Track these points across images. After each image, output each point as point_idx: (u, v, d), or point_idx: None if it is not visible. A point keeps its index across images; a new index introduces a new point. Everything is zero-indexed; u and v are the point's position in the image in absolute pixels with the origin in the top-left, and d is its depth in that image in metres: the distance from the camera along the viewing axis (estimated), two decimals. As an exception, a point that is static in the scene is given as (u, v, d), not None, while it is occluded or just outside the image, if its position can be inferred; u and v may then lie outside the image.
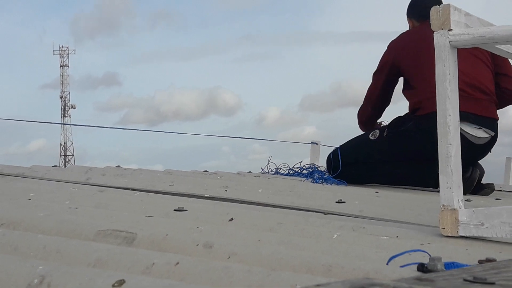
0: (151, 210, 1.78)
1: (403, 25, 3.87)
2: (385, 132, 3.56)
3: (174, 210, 1.79)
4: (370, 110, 3.84)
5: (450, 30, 1.64)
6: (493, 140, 3.49)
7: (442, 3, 1.66)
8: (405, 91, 3.64)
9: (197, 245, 1.23)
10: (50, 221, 1.41)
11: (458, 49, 1.67)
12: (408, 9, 3.85)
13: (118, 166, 3.54)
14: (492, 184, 3.66)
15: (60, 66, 58.07)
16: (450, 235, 1.60)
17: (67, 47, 58.23)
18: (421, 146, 3.26)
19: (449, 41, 1.64)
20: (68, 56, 58.12)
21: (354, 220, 1.88)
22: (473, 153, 3.40)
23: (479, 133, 3.40)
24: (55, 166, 3.31)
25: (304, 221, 1.75)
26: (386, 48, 3.74)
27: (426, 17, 3.62)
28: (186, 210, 1.79)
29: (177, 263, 1.02)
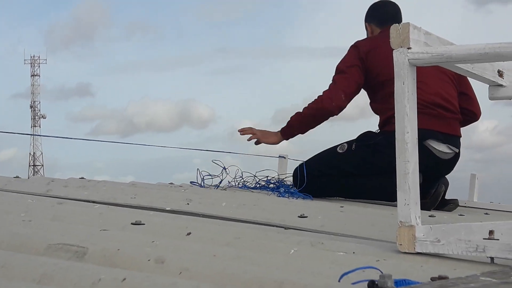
0: (108, 224, 1.75)
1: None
2: (353, 145, 3.56)
3: (131, 223, 1.77)
4: (343, 98, 3.53)
5: (409, 48, 1.65)
6: (456, 156, 3.53)
7: (399, 9, 1.67)
8: (373, 105, 3.63)
9: (149, 260, 1.22)
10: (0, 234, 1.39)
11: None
12: (367, 13, 3.77)
13: (82, 178, 3.50)
14: (456, 199, 3.69)
15: (31, 76, 57.63)
16: (407, 251, 1.61)
17: (38, 57, 57.83)
18: (389, 160, 3.23)
19: (408, 59, 1.65)
20: (39, 66, 57.70)
21: (313, 236, 1.88)
22: (440, 167, 3.44)
23: (445, 149, 3.44)
24: (17, 177, 3.26)
25: (263, 236, 1.74)
26: (349, 48, 3.61)
27: (387, 23, 3.65)
28: (143, 224, 1.77)
29: (124, 279, 1.00)
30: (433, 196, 3.43)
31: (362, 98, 3.71)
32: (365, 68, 3.53)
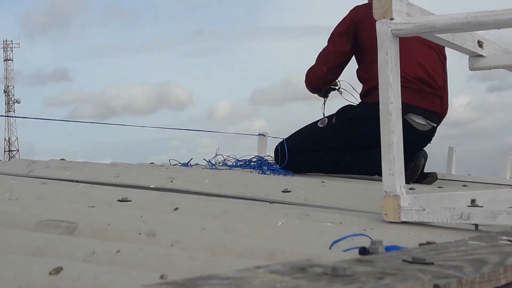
0: (94, 201, 1.75)
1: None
2: (334, 119, 3.55)
3: (118, 200, 1.77)
4: (324, 71, 3.61)
5: (392, 19, 1.66)
6: (433, 129, 3.56)
7: None
8: (359, 72, 3.62)
9: (140, 233, 1.22)
10: (-12, 212, 1.38)
11: (415, 39, 1.70)
12: None
13: (62, 159, 3.48)
14: (435, 173, 3.73)
15: (4, 60, 56.87)
16: (392, 220, 1.63)
17: (11, 41, 57.04)
18: (370, 132, 3.24)
19: (391, 30, 1.66)
20: (12, 50, 56.95)
21: (299, 208, 1.89)
22: (418, 139, 3.47)
23: (423, 122, 3.48)
24: (-3, 159, 3.23)
25: (249, 210, 1.75)
26: (348, 12, 3.59)
27: None
28: (130, 201, 1.77)
29: (118, 251, 1.00)
30: (413, 169, 3.46)
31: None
32: (355, 34, 3.52)
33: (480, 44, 2.09)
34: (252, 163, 4.00)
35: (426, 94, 3.48)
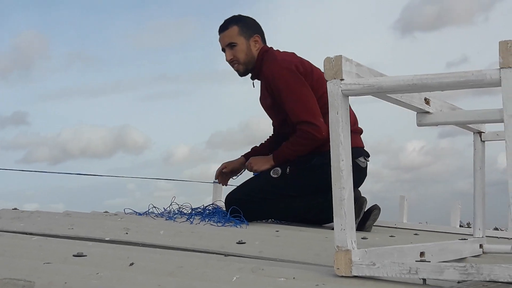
0: (49, 256, 1.75)
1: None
2: (288, 169, 3.60)
3: (73, 255, 1.77)
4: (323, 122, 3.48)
5: (342, 79, 1.73)
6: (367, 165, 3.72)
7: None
8: None
9: (97, 292, 1.24)
10: None
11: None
12: (252, 25, 3.71)
13: (15, 209, 3.45)
14: (376, 204, 3.76)
15: (-47, 102, 55.96)
16: (344, 275, 1.67)
17: (-39, 82, 56.21)
18: (325, 180, 3.24)
19: (341, 90, 1.73)
20: (-39, 91, 56.13)
21: (253, 262, 1.92)
22: (360, 175, 3.60)
23: (363, 160, 3.63)
24: None
25: (204, 264, 1.77)
26: (287, 72, 3.53)
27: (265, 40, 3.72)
28: (85, 256, 1.77)
29: (76, 312, 1.02)
30: (357, 204, 3.53)
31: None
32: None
33: (427, 101, 2.18)
34: (207, 211, 4.02)
35: (360, 133, 3.67)
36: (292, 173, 3.58)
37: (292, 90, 3.51)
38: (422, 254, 2.01)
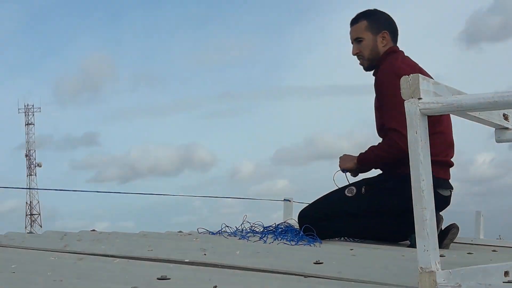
0: (134, 280, 1.79)
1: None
2: (363, 189, 3.58)
3: (157, 278, 1.81)
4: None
5: (420, 98, 1.72)
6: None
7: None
8: None
9: (187, 318, 1.26)
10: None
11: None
12: (381, 18, 3.64)
13: (93, 230, 3.54)
14: (454, 223, 3.68)
15: (26, 125, 57.76)
16: (429, 297, 1.65)
17: (32, 105, 58.04)
18: (403, 202, 3.17)
19: (420, 109, 1.71)
20: (33, 114, 57.88)
21: (334, 283, 1.92)
22: (442, 203, 3.52)
23: (447, 191, 3.56)
24: (31, 232, 3.29)
25: (286, 286, 1.79)
26: (385, 76, 3.43)
27: (396, 38, 3.67)
28: (169, 279, 1.81)
29: None
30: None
31: (362, 135, 3.71)
32: None
33: (505, 117, 2.14)
34: (280, 230, 4.02)
35: (449, 166, 3.58)
36: (366, 193, 3.56)
37: (394, 96, 3.44)
38: (506, 273, 1.96)
